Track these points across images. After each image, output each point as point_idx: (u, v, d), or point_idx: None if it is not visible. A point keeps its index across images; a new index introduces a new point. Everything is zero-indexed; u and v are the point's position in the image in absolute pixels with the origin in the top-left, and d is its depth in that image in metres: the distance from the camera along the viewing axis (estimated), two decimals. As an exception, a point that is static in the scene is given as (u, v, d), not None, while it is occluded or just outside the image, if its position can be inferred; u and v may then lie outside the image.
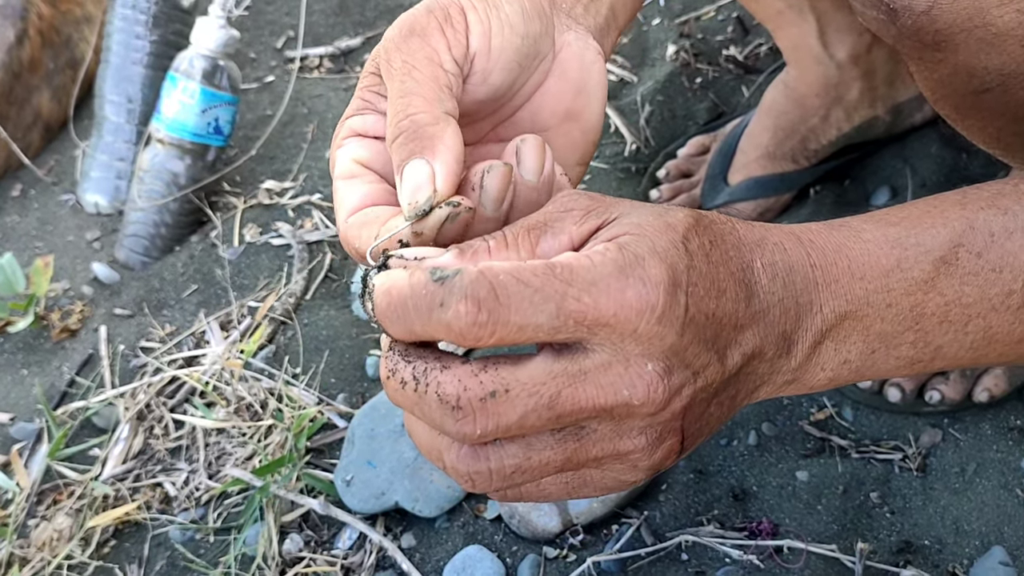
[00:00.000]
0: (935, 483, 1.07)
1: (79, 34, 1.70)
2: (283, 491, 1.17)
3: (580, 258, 0.48)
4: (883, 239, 0.55)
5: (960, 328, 0.56)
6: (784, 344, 0.54)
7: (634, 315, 0.47)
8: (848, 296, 0.54)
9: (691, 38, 1.54)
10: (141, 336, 1.39)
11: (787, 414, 1.14)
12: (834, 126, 1.26)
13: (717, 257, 0.51)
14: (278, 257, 1.44)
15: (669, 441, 0.51)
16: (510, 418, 0.48)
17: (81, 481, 1.25)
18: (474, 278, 0.46)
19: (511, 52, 0.61)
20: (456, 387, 0.48)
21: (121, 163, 1.57)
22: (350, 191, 0.59)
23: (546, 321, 0.46)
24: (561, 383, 0.48)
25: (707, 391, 0.51)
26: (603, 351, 0.48)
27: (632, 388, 0.48)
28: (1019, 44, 0.58)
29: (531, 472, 0.51)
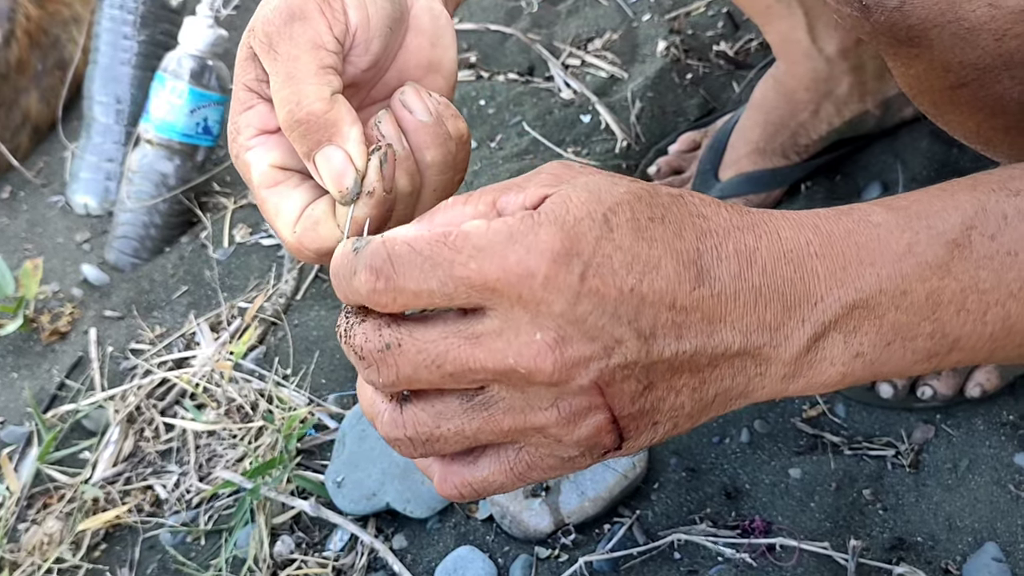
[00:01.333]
0: (928, 479, 1.07)
1: (67, 35, 1.69)
2: (274, 493, 1.16)
3: (479, 225, 0.49)
4: (893, 223, 0.53)
5: (979, 318, 0.54)
6: (769, 334, 0.52)
7: (515, 279, 0.48)
8: (858, 284, 0.52)
9: (681, 34, 1.53)
10: (131, 338, 1.39)
11: (779, 411, 1.14)
12: (824, 121, 1.26)
13: (657, 234, 0.50)
14: (268, 257, 1.44)
15: (594, 418, 0.51)
16: (405, 370, 0.51)
17: (71, 484, 1.25)
18: (374, 248, 0.50)
19: (385, 18, 0.63)
20: (361, 338, 0.52)
21: (110, 164, 1.56)
22: (283, 201, 0.61)
23: (438, 287, 0.49)
24: (451, 343, 0.50)
25: (631, 370, 0.50)
26: (497, 317, 0.49)
27: (518, 356, 0.49)
28: (993, 38, 0.58)
29: (446, 441, 0.53)
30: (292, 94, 0.58)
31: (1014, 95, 0.62)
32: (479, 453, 0.56)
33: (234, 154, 0.63)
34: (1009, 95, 0.62)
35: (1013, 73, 0.60)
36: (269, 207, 0.62)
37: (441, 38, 0.68)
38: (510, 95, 1.53)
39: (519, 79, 1.56)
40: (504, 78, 1.57)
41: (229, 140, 0.64)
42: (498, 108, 1.52)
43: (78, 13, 1.71)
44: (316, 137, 0.58)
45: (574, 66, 1.56)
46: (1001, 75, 0.60)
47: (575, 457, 0.53)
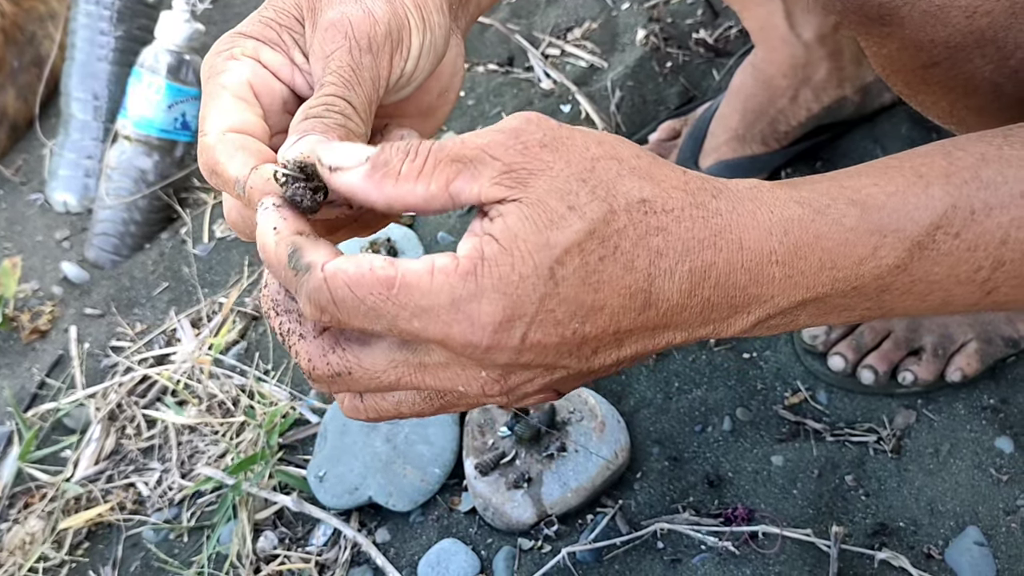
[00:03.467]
0: (909, 464, 1.07)
1: (43, 31, 1.68)
2: (256, 489, 1.16)
3: (423, 277, 0.48)
4: (864, 227, 0.53)
5: (919, 299, 0.55)
6: (711, 328, 0.54)
7: (459, 347, 0.49)
8: (811, 285, 0.53)
9: (660, 22, 1.53)
10: (112, 335, 1.38)
11: (761, 399, 1.14)
12: (803, 107, 1.25)
13: (605, 275, 0.50)
14: (249, 252, 1.43)
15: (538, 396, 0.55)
16: (355, 389, 0.55)
17: (53, 483, 1.24)
18: (316, 286, 0.49)
19: (426, 73, 0.63)
20: (308, 364, 0.54)
21: (89, 161, 1.55)
22: (235, 108, 0.58)
23: (382, 330, 0.50)
24: (401, 372, 0.53)
25: (573, 377, 0.54)
26: (443, 355, 0.52)
27: (467, 386, 0.52)
28: (963, 15, 0.58)
29: (405, 418, 0.58)
30: (340, 100, 0.56)
31: (985, 74, 0.61)
32: None
33: (213, 53, 0.60)
34: (980, 74, 0.62)
35: (984, 52, 0.60)
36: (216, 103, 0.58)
37: (449, 91, 0.68)
38: (490, 86, 1.53)
39: (499, 70, 1.55)
40: (484, 69, 1.56)
41: (221, 42, 0.61)
42: (478, 99, 1.52)
43: (54, 9, 1.69)
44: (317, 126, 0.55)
45: (554, 56, 1.55)
46: (972, 53, 0.60)
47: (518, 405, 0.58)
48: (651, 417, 1.14)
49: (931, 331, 1.09)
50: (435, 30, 0.62)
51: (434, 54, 0.63)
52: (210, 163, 0.56)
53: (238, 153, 0.55)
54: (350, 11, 0.58)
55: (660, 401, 1.15)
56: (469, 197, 0.50)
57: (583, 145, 0.51)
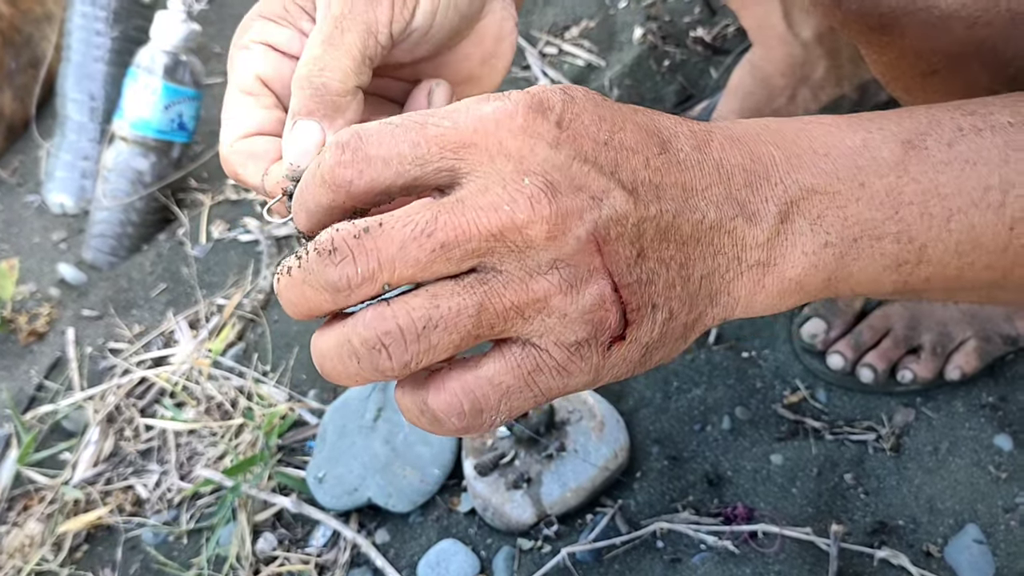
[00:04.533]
0: (909, 462, 1.07)
1: (40, 32, 1.68)
2: (255, 490, 1.15)
3: (453, 104, 0.48)
4: (845, 124, 0.53)
5: (943, 224, 0.52)
6: (738, 207, 0.50)
7: (493, 126, 0.46)
8: (813, 170, 0.51)
9: (658, 20, 1.52)
10: (109, 337, 1.38)
11: (760, 398, 1.14)
12: (801, 106, 1.25)
13: (614, 107, 0.49)
14: (247, 253, 1.43)
15: (595, 283, 0.47)
16: (390, 250, 0.46)
17: (52, 486, 1.24)
18: (344, 129, 0.48)
19: (447, 30, 0.61)
20: (330, 232, 0.47)
21: (86, 162, 1.55)
22: (244, 112, 0.58)
23: (409, 149, 0.46)
24: (437, 209, 0.46)
25: (623, 226, 0.47)
26: (478, 176, 0.46)
27: (513, 203, 0.46)
28: (963, 25, 0.58)
29: (445, 325, 0.47)
30: (322, 58, 0.56)
31: (983, 82, 0.61)
32: (478, 358, 0.50)
33: (232, 45, 0.60)
34: (980, 83, 0.61)
35: (983, 60, 0.60)
36: (228, 110, 0.59)
37: (495, 59, 0.66)
38: (487, 85, 1.52)
39: (496, 69, 1.55)
40: (481, 68, 1.56)
41: (237, 31, 0.60)
42: (475, 98, 1.52)
43: (51, 11, 1.69)
44: (314, 106, 0.56)
45: (551, 55, 1.55)
46: (972, 62, 0.60)
47: (581, 343, 0.48)
48: (650, 416, 1.14)
49: (930, 329, 1.10)
50: None
51: (455, 11, 0.60)
52: (232, 174, 0.58)
53: (248, 162, 0.57)
54: None
55: (659, 400, 1.15)
56: None
57: None
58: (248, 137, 0.58)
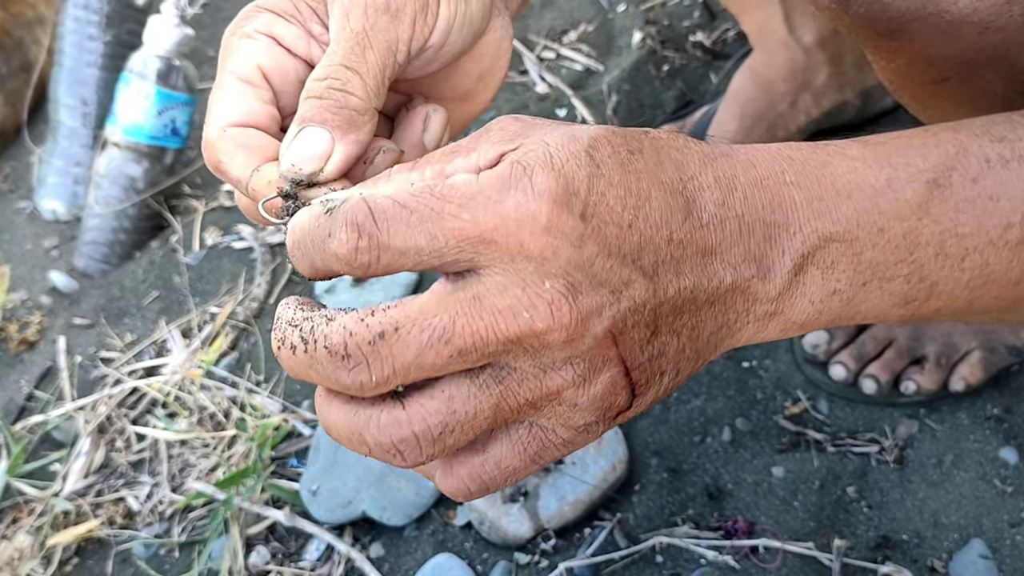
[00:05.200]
0: (912, 475, 1.05)
1: (31, 36, 1.66)
2: (248, 503, 1.14)
3: (467, 176, 0.45)
4: (871, 157, 0.51)
5: (957, 263, 0.51)
6: (755, 266, 0.49)
7: (515, 226, 0.44)
8: (834, 216, 0.49)
9: (657, 24, 1.51)
10: (101, 346, 1.36)
11: (761, 408, 1.12)
12: (803, 112, 1.24)
13: (640, 166, 0.47)
14: (241, 260, 1.41)
15: (608, 372, 0.47)
16: (406, 357, 0.45)
17: (41, 498, 1.22)
18: (354, 203, 0.45)
19: (458, 48, 0.60)
20: (342, 335, 0.45)
21: (78, 168, 1.53)
22: (240, 98, 0.56)
23: (426, 242, 0.44)
24: (455, 311, 0.45)
25: (641, 314, 0.47)
26: (497, 273, 0.45)
27: (533, 309, 0.44)
28: (975, 31, 0.56)
29: (461, 428, 0.47)
30: (344, 73, 0.54)
31: (997, 89, 0.60)
32: (485, 440, 0.50)
33: (230, 31, 0.58)
34: (992, 89, 0.60)
35: (996, 67, 0.58)
36: (222, 93, 0.56)
37: (491, 76, 0.65)
38: (484, 90, 1.51)
39: (493, 74, 1.53)
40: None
41: (238, 18, 0.58)
42: (472, 104, 1.50)
43: (42, 14, 1.67)
44: (329, 117, 0.53)
45: (549, 59, 1.53)
46: (984, 69, 0.58)
47: (590, 424, 0.49)
48: (649, 428, 1.12)
49: (934, 340, 1.08)
50: (471, 2, 0.59)
51: (468, 29, 0.59)
52: (212, 160, 0.55)
53: (239, 152, 0.54)
54: None
55: (658, 411, 1.13)
56: (469, 167, 0.47)
57: None
58: (241, 126, 0.55)
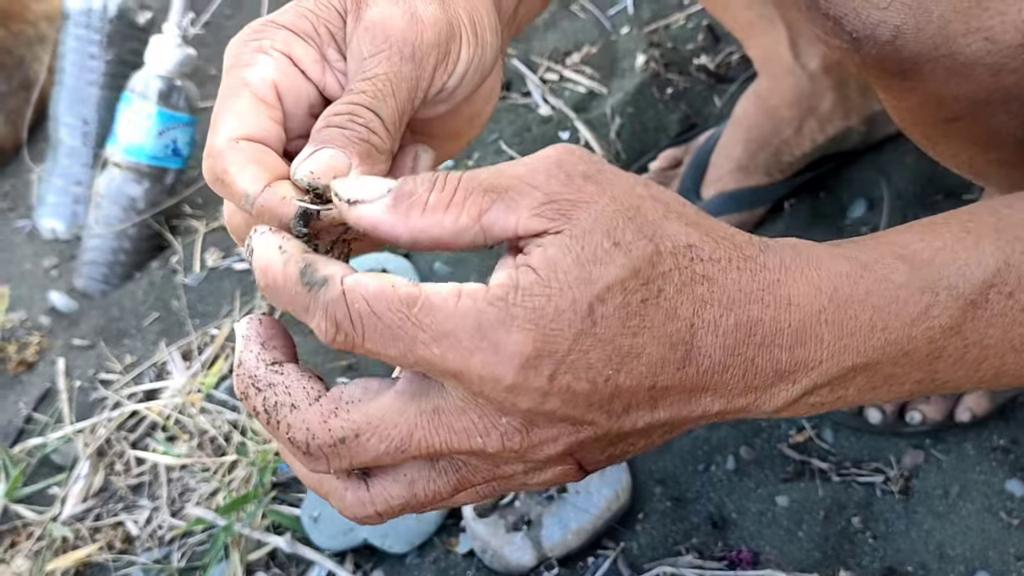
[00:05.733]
0: (918, 506, 1.04)
1: (32, 54, 1.65)
2: (248, 529, 1.13)
3: (448, 299, 0.45)
4: (915, 284, 0.50)
5: (972, 368, 0.52)
6: (754, 396, 0.49)
7: (478, 380, 0.45)
8: (861, 349, 0.49)
9: (661, 47, 1.50)
10: (100, 368, 1.35)
11: (765, 437, 1.11)
12: (807, 138, 1.23)
13: (647, 320, 0.46)
14: (241, 282, 1.40)
15: (560, 467, 0.50)
16: (364, 459, 0.48)
17: (40, 522, 1.21)
18: (334, 298, 0.45)
19: (468, 92, 0.60)
20: (305, 435, 0.48)
21: (78, 187, 1.53)
22: (253, 114, 0.54)
23: (397, 356, 0.45)
24: (413, 424, 0.47)
25: (602, 440, 0.48)
26: (458, 397, 0.47)
27: (486, 436, 0.47)
28: (988, 73, 0.55)
29: (421, 506, 0.51)
30: (366, 114, 0.53)
31: (1010, 129, 0.59)
32: None
33: (243, 39, 0.57)
34: (1005, 129, 0.59)
35: (1009, 108, 0.57)
36: (233, 105, 0.55)
37: (480, 116, 0.65)
38: (487, 112, 1.50)
39: (496, 95, 1.53)
40: (481, 94, 1.54)
41: (252, 31, 0.57)
42: (475, 125, 1.49)
43: (44, 33, 1.67)
44: (349, 144, 0.53)
45: (552, 81, 1.53)
46: (997, 110, 0.58)
47: (542, 485, 0.52)
48: (653, 456, 1.11)
49: (940, 370, 1.07)
50: (486, 49, 0.59)
51: (480, 74, 0.59)
52: (217, 170, 0.53)
53: (250, 166, 0.53)
54: (395, 13, 0.55)
55: (662, 439, 1.12)
56: (504, 229, 0.46)
57: (628, 183, 0.48)
58: (252, 141, 0.54)
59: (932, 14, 0.55)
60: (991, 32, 0.55)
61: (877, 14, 0.57)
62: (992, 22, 0.55)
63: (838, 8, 0.59)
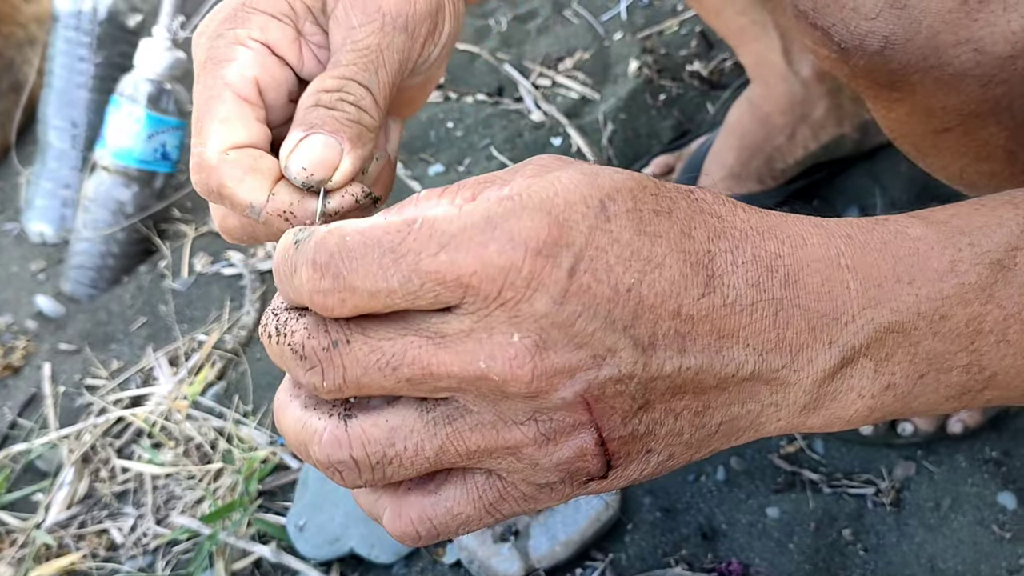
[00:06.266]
0: (909, 518, 1.03)
1: (22, 57, 1.64)
2: (233, 538, 1.12)
3: (448, 211, 0.41)
4: (933, 237, 0.47)
5: (1019, 351, 0.48)
6: (789, 355, 0.44)
7: (495, 273, 0.40)
8: (894, 304, 0.45)
9: (654, 53, 1.49)
10: (87, 373, 1.34)
11: (756, 447, 1.10)
12: (800, 145, 1.22)
13: (662, 229, 0.42)
14: (230, 287, 1.39)
15: (577, 437, 0.43)
16: (355, 372, 0.42)
17: (23, 529, 1.20)
18: (319, 240, 0.42)
19: (440, 61, 0.60)
20: (302, 335, 0.43)
21: (66, 190, 1.52)
22: (240, 119, 0.53)
23: (399, 285, 0.41)
24: (411, 342, 0.42)
25: (626, 384, 0.42)
26: (468, 316, 0.41)
27: (491, 359, 0.41)
28: (978, 84, 0.54)
29: (400, 461, 0.44)
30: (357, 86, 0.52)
31: (999, 141, 0.58)
32: (441, 480, 0.47)
33: (215, 31, 0.54)
34: (995, 141, 0.58)
35: (999, 119, 0.57)
36: (218, 112, 0.53)
37: (431, 82, 0.64)
38: (479, 117, 1.49)
39: (488, 100, 1.52)
40: (472, 99, 1.53)
41: (227, 15, 0.55)
42: (466, 131, 1.49)
43: (34, 35, 1.66)
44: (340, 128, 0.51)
45: (544, 86, 1.52)
46: (987, 121, 0.57)
47: (553, 484, 0.45)
48: (643, 466, 1.10)
49: (932, 380, 1.06)
50: (459, 17, 0.58)
51: (451, 43, 0.59)
52: (213, 184, 0.52)
53: (248, 177, 0.51)
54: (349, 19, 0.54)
55: (652, 449, 1.11)
56: None
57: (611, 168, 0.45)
58: (243, 148, 0.53)
59: (921, 25, 0.54)
60: (980, 43, 0.54)
61: (866, 24, 0.56)
62: (981, 33, 0.54)
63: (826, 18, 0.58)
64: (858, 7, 0.56)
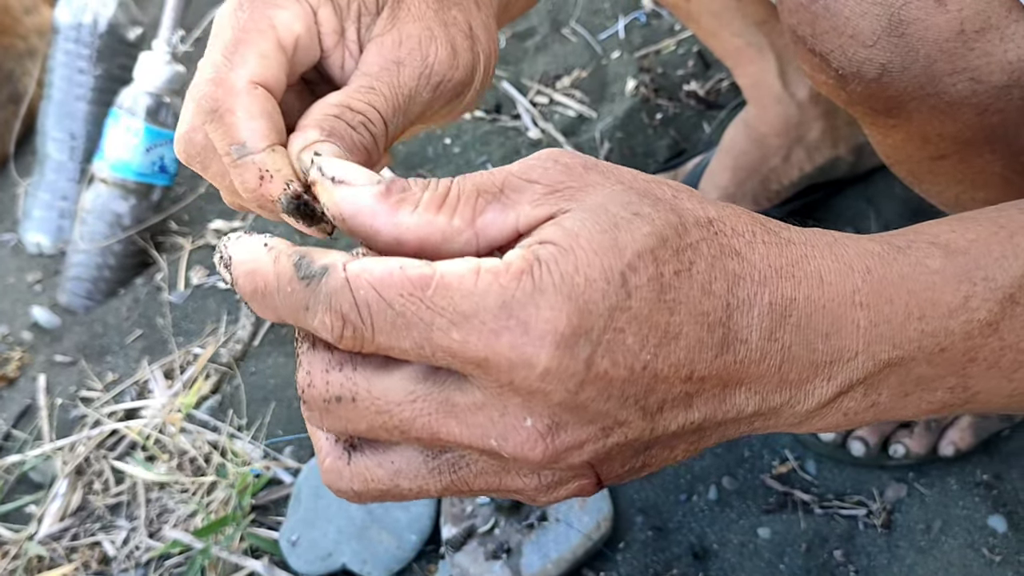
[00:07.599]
0: (900, 540, 1.03)
1: (21, 68, 1.65)
2: (226, 552, 1.12)
3: (466, 277, 0.40)
4: (951, 271, 0.47)
5: (1007, 375, 0.48)
6: (789, 393, 0.45)
7: (507, 366, 0.39)
8: (897, 340, 0.46)
9: (651, 72, 1.50)
10: (82, 385, 1.34)
11: (748, 467, 1.11)
12: (796, 166, 1.23)
13: (681, 294, 0.42)
14: (226, 300, 1.39)
15: (577, 483, 0.44)
16: (357, 427, 0.42)
17: (16, 540, 1.20)
18: (337, 288, 0.40)
19: (444, 117, 0.59)
20: (304, 379, 0.43)
21: (64, 202, 1.52)
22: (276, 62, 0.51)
23: (412, 348, 0.40)
24: (420, 408, 0.41)
25: (631, 447, 0.43)
26: (480, 391, 0.41)
27: (502, 439, 0.41)
28: (974, 113, 0.55)
29: (402, 497, 0.45)
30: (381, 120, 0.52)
31: (995, 168, 0.59)
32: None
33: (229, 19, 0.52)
34: (990, 168, 0.59)
35: (995, 147, 0.57)
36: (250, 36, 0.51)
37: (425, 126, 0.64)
38: (477, 134, 1.50)
39: (486, 117, 1.53)
40: (470, 116, 1.53)
41: None
42: (464, 147, 1.49)
43: (34, 47, 1.66)
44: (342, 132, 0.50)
45: (542, 104, 1.53)
46: (982, 149, 0.58)
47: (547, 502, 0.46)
48: (635, 486, 1.10)
49: (924, 402, 1.06)
50: (490, 74, 0.59)
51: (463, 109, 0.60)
52: (223, 104, 0.50)
53: (261, 119, 0.50)
54: (439, 37, 0.54)
55: (645, 468, 1.12)
56: (502, 230, 0.42)
57: (632, 171, 0.44)
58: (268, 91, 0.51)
59: (918, 53, 0.55)
60: (977, 72, 0.54)
61: (863, 52, 0.57)
62: (978, 62, 0.54)
63: (825, 44, 0.59)
64: (856, 34, 0.57)
